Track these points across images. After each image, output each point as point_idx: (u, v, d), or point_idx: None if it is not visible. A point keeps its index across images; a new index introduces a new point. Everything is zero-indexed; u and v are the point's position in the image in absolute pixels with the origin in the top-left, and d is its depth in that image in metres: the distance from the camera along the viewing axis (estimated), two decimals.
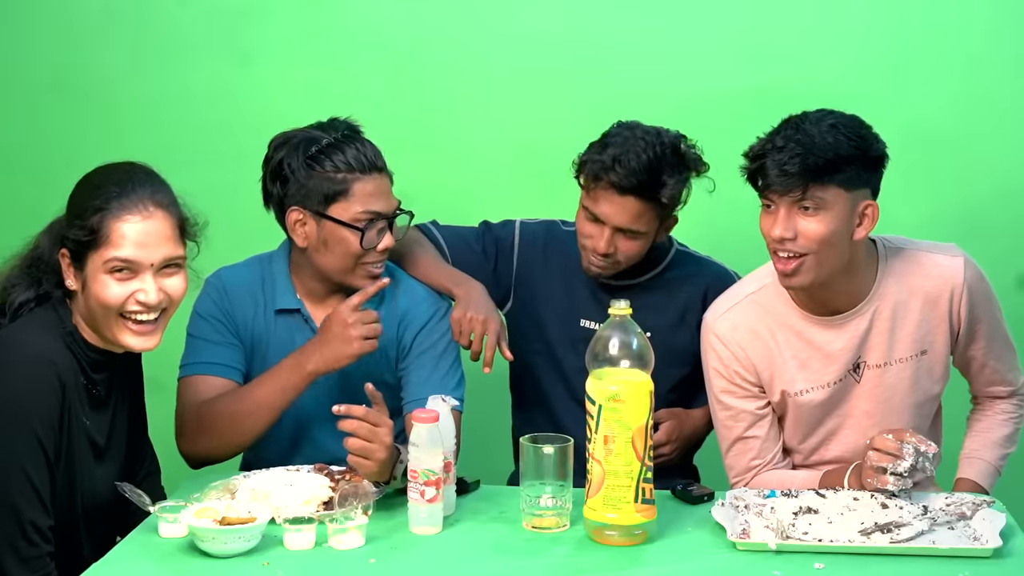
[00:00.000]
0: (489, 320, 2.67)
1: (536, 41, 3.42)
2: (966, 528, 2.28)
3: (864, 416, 2.60)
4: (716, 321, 2.63)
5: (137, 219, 2.28)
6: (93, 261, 2.29)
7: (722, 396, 2.64)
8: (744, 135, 3.42)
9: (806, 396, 2.59)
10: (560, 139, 2.94)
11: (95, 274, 2.29)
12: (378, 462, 2.35)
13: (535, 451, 2.30)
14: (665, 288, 2.88)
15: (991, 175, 3.34)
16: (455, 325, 2.68)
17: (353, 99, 3.46)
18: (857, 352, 2.57)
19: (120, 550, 2.22)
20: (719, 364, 2.63)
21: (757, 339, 2.60)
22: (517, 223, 2.98)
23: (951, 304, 2.57)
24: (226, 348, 2.69)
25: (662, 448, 2.79)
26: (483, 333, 2.65)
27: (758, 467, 2.63)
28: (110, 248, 2.27)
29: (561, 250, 2.93)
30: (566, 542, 2.26)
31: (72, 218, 2.32)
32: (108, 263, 2.27)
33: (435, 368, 2.68)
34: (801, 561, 2.15)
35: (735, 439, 2.65)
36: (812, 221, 2.42)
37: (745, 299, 2.63)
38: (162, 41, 3.53)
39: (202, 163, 2.97)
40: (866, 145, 2.44)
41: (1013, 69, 3.30)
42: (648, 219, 2.74)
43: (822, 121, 2.42)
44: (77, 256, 2.31)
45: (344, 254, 2.63)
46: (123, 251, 2.27)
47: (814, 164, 2.39)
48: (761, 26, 3.37)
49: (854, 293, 2.55)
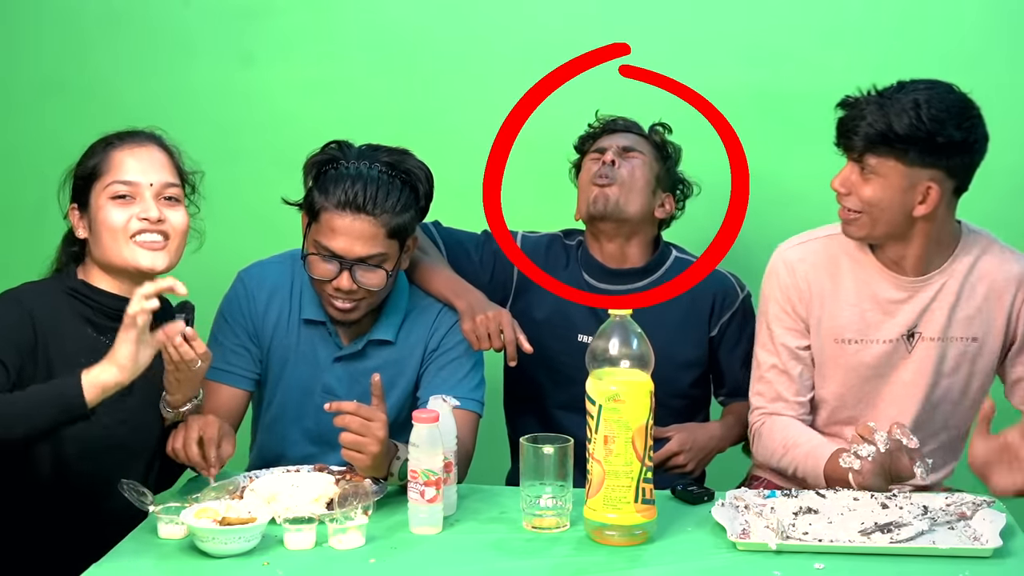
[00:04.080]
0: (500, 315, 2.66)
1: (536, 41, 3.42)
2: (966, 528, 2.27)
3: (903, 389, 2.61)
4: (789, 249, 2.70)
5: (134, 148, 2.45)
6: (95, 195, 2.42)
7: (772, 323, 2.69)
8: (743, 134, 3.43)
9: (853, 347, 2.62)
10: (560, 139, 2.94)
11: (99, 207, 2.41)
12: (371, 456, 2.34)
13: (535, 451, 2.30)
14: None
15: (992, 174, 3.32)
16: (469, 336, 2.65)
17: (355, 99, 3.49)
18: (916, 319, 2.61)
19: (120, 550, 2.22)
20: (778, 290, 2.68)
21: (823, 276, 2.64)
22: (518, 235, 2.99)
23: (1014, 300, 2.60)
24: (240, 354, 2.69)
25: (677, 459, 2.82)
26: (499, 329, 2.64)
27: (782, 404, 2.67)
28: (109, 175, 2.42)
29: (561, 263, 2.93)
30: (566, 542, 2.26)
31: (76, 167, 2.48)
32: (108, 189, 2.41)
33: (451, 374, 2.68)
34: (801, 561, 2.15)
35: (770, 366, 2.69)
36: (866, 185, 2.51)
37: (824, 236, 2.69)
38: (166, 41, 3.54)
39: (206, 162, 2.96)
40: (938, 129, 2.46)
41: (1013, 68, 3.30)
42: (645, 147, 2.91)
43: (914, 93, 2.47)
44: (83, 201, 2.44)
45: (311, 276, 2.64)
46: (121, 175, 2.42)
47: (872, 135, 2.46)
48: (760, 25, 3.36)
49: (927, 263, 2.60)
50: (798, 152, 3.38)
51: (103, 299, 2.44)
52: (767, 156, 3.38)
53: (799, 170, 3.38)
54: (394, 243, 2.58)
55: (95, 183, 2.43)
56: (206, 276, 2.66)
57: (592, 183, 2.84)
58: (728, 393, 2.98)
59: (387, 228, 2.55)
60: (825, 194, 3.26)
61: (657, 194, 2.88)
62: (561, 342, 2.87)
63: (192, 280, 2.54)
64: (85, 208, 2.45)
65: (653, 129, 2.94)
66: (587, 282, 2.90)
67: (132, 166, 2.43)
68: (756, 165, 3.38)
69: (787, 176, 3.38)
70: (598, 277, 2.90)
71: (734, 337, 2.93)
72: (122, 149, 2.44)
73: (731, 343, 2.93)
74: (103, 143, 2.47)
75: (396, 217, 2.56)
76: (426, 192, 2.65)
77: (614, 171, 2.83)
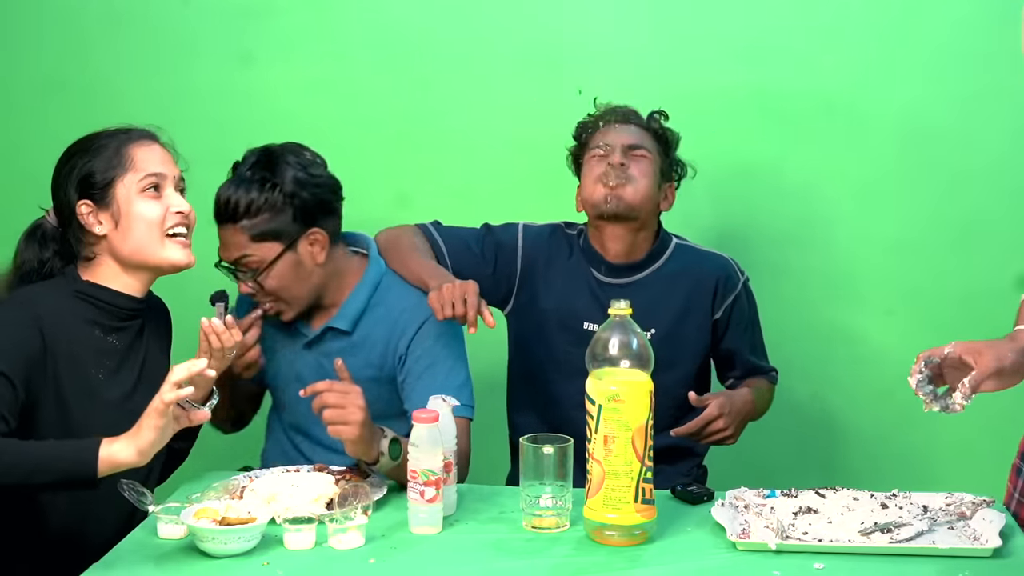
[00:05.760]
0: (467, 284, 2.63)
1: (537, 41, 3.41)
2: (966, 528, 2.28)
3: None
4: None
5: (146, 143, 2.48)
6: (122, 190, 2.43)
7: None
8: (743, 133, 3.44)
9: None
10: (560, 139, 2.95)
11: (128, 201, 2.43)
12: (357, 423, 2.36)
13: (535, 451, 2.30)
14: (667, 282, 2.89)
15: (991, 174, 3.33)
16: (434, 304, 2.61)
17: (355, 98, 3.49)
18: None
19: (120, 550, 2.22)
20: None
21: None
22: (520, 226, 2.98)
23: None
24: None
25: (716, 423, 2.73)
26: (463, 296, 2.59)
27: None
28: (137, 170, 2.43)
29: (564, 253, 2.94)
30: (566, 542, 2.26)
31: (83, 164, 2.44)
32: (140, 183, 2.43)
33: (435, 372, 2.68)
34: (801, 561, 2.15)
35: None
36: None
37: None
38: (167, 40, 3.53)
39: (206, 162, 2.96)
40: None
41: (1010, 65, 3.29)
42: (649, 143, 2.86)
43: None
44: (100, 197, 2.42)
45: None
46: (151, 167, 2.44)
47: None
48: (760, 24, 3.36)
49: None
50: (797, 150, 3.38)
51: (114, 300, 2.44)
52: (766, 154, 3.39)
53: (798, 168, 3.38)
54: (268, 245, 2.65)
55: (119, 178, 2.42)
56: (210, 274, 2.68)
57: (601, 183, 2.84)
58: (740, 376, 2.97)
59: (251, 233, 2.64)
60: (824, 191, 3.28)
61: (661, 187, 2.88)
62: (567, 332, 2.87)
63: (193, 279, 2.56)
64: (104, 204, 2.43)
65: (652, 118, 2.92)
66: (592, 274, 2.91)
67: (153, 159, 2.46)
68: (755, 162, 3.39)
69: (786, 173, 3.39)
70: (602, 269, 2.90)
71: (740, 322, 2.94)
72: (137, 144, 2.46)
73: (739, 328, 2.94)
74: (109, 141, 2.46)
75: (258, 219, 2.63)
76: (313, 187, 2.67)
77: (624, 172, 2.82)
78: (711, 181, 3.02)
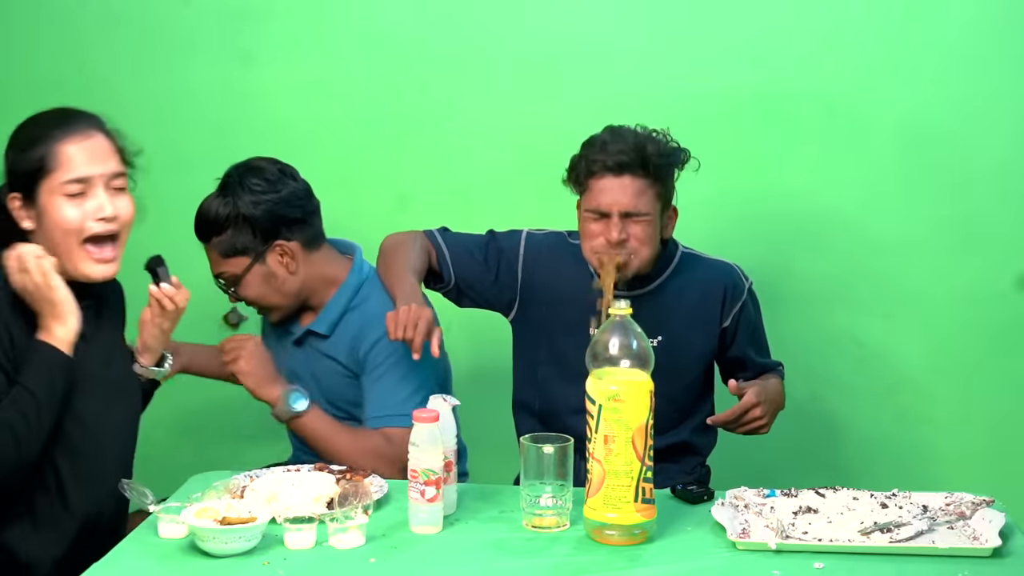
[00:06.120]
0: (422, 310, 2.63)
1: (536, 42, 3.41)
2: (965, 528, 2.27)
3: None
4: None
5: (79, 139, 2.36)
6: (45, 190, 2.34)
7: None
8: (743, 134, 3.44)
9: None
10: (560, 140, 2.94)
11: (49, 202, 2.34)
12: (250, 353, 2.68)
13: (535, 451, 2.30)
14: (673, 293, 2.87)
15: (993, 177, 3.33)
16: (389, 324, 2.62)
17: (354, 99, 3.49)
18: None
19: (120, 550, 2.22)
20: None
21: None
22: (523, 233, 2.97)
23: None
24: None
25: (755, 411, 2.70)
26: (415, 322, 2.60)
27: None
28: (60, 172, 2.33)
29: (568, 261, 2.92)
30: (566, 542, 2.26)
31: (15, 156, 2.38)
32: (62, 186, 2.33)
33: (385, 382, 2.76)
34: (801, 561, 2.15)
35: None
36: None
37: None
38: (164, 41, 3.53)
39: (204, 162, 2.96)
40: None
41: (1012, 68, 3.30)
42: (649, 198, 2.73)
43: None
44: (28, 193, 2.35)
45: None
46: (74, 171, 2.33)
47: None
48: (760, 26, 3.36)
49: None
50: (798, 152, 3.38)
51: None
52: (767, 155, 3.39)
53: (799, 170, 3.38)
54: (236, 260, 2.79)
55: (43, 179, 2.33)
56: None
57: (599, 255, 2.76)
58: (751, 377, 2.93)
59: (219, 250, 2.79)
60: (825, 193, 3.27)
61: (663, 217, 2.83)
62: (572, 336, 2.85)
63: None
64: (31, 201, 2.35)
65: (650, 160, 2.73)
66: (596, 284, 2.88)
67: (81, 159, 2.33)
68: (756, 164, 3.39)
69: (787, 175, 3.39)
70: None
71: (748, 327, 2.93)
72: (68, 141, 2.34)
73: (746, 333, 2.93)
74: (44, 133, 2.35)
75: (223, 237, 2.77)
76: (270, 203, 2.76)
77: (623, 246, 2.74)
78: (712, 182, 3.01)
